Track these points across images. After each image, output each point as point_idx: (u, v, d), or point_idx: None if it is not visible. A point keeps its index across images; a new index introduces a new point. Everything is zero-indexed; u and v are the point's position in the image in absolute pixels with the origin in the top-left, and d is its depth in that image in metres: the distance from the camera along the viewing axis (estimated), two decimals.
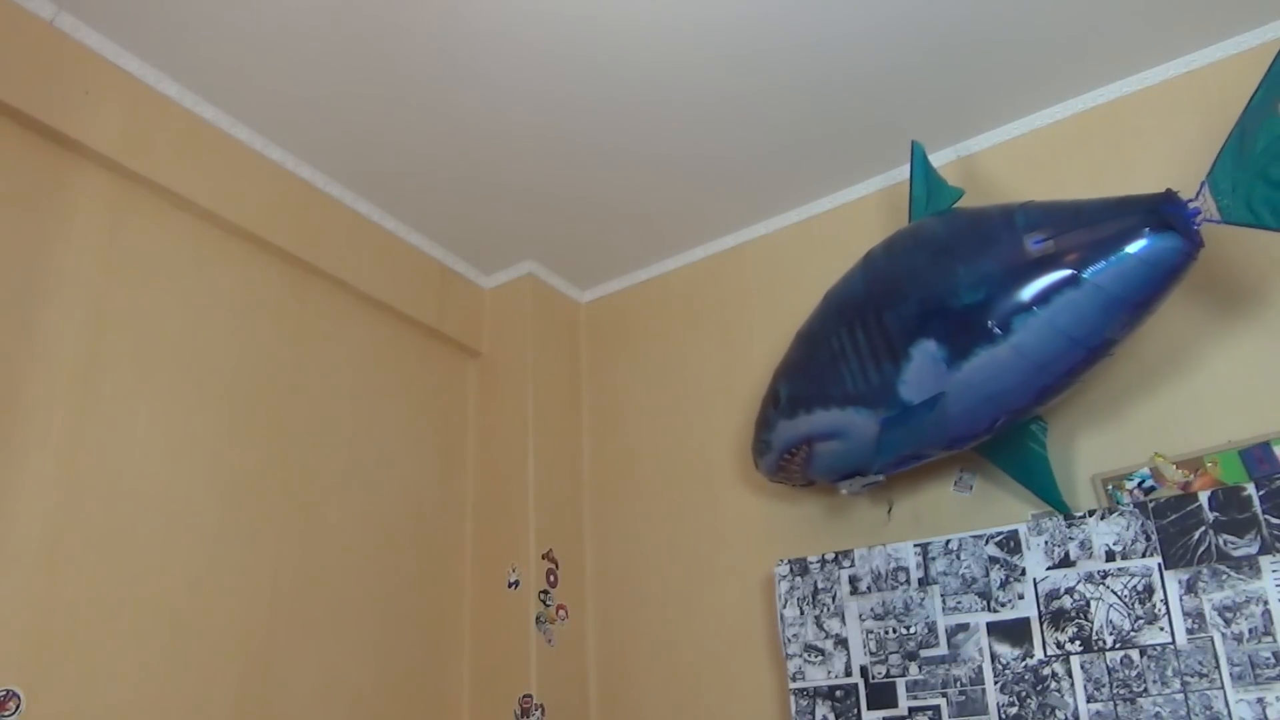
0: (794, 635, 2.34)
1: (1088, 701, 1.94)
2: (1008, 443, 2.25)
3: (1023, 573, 2.09)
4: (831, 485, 2.45)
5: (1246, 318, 2.17)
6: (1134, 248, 1.88)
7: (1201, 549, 1.92)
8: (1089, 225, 1.93)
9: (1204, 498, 1.95)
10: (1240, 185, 1.85)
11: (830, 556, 2.36)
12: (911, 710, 2.13)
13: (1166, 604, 1.92)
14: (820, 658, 2.29)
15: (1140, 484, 2.15)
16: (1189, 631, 1.88)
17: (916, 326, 2.08)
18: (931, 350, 2.06)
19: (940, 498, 2.45)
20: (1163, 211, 1.88)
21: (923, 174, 2.40)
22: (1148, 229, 1.88)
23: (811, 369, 2.32)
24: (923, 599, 2.19)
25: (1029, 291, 1.95)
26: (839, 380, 2.24)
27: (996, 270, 2.00)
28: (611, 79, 2.37)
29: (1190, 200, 1.90)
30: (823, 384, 2.28)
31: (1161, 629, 1.91)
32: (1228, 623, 1.85)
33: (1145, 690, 1.89)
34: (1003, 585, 2.11)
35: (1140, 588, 1.96)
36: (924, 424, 2.11)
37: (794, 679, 2.31)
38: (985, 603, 2.12)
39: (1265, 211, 1.81)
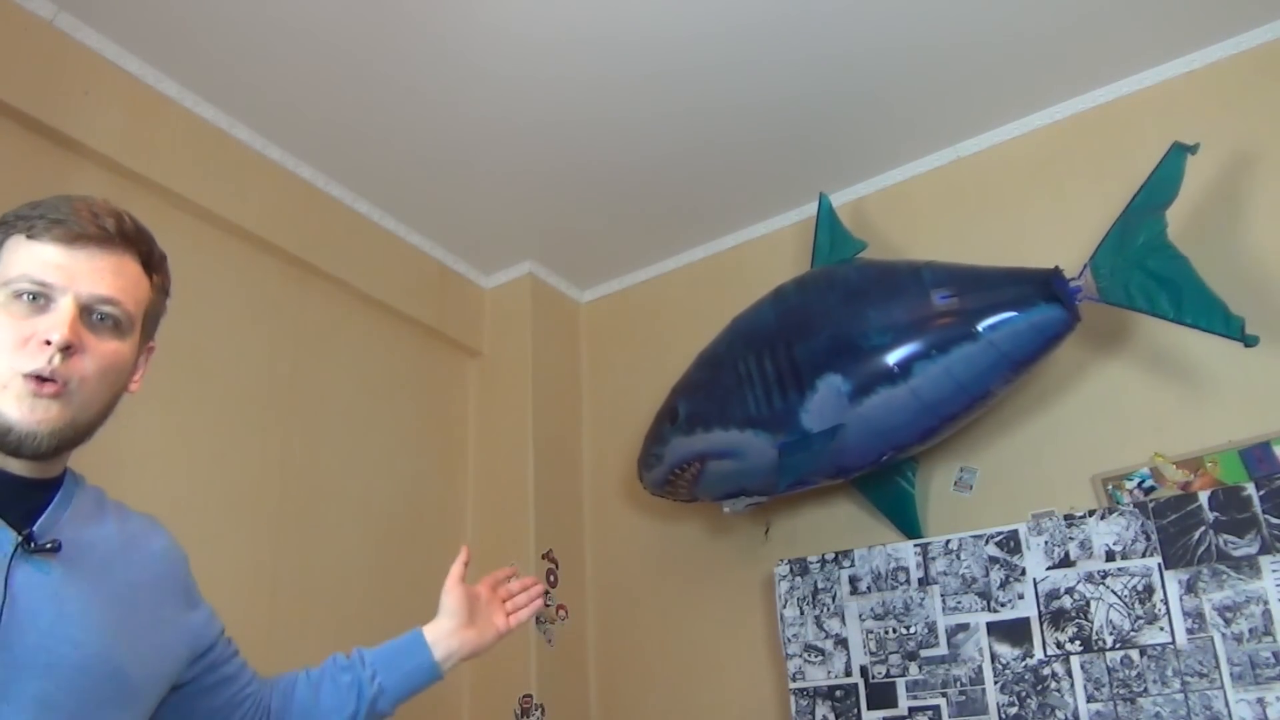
0: (794, 635, 2.35)
1: (1088, 701, 1.94)
2: (882, 478, 2.45)
3: (1023, 573, 2.09)
4: (714, 503, 2.57)
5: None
6: (1026, 313, 2.10)
7: (1201, 549, 1.92)
8: (989, 289, 2.15)
9: (1204, 498, 1.95)
10: (1119, 271, 2.08)
11: (830, 556, 2.36)
12: (911, 710, 2.13)
13: (1166, 604, 1.92)
14: (820, 658, 2.29)
15: (1140, 484, 2.15)
16: (1189, 631, 1.88)
17: (825, 361, 2.23)
18: (837, 384, 2.21)
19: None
20: (1052, 285, 2.09)
21: (828, 224, 2.56)
22: (1039, 299, 2.09)
23: (714, 390, 2.43)
24: (923, 599, 2.19)
25: (931, 340, 2.14)
26: (742, 403, 2.35)
27: (905, 318, 2.18)
28: (610, 83, 2.37)
29: (1073, 279, 2.11)
30: (724, 405, 2.39)
31: (1161, 629, 1.91)
32: (1228, 623, 1.85)
33: (1145, 690, 1.89)
34: (1003, 585, 2.11)
35: (1140, 588, 1.96)
36: (822, 452, 2.24)
37: (794, 679, 2.31)
38: (985, 603, 2.12)
39: (1139, 296, 2.04)
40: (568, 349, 3.22)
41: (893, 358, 2.16)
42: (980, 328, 2.11)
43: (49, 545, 0.91)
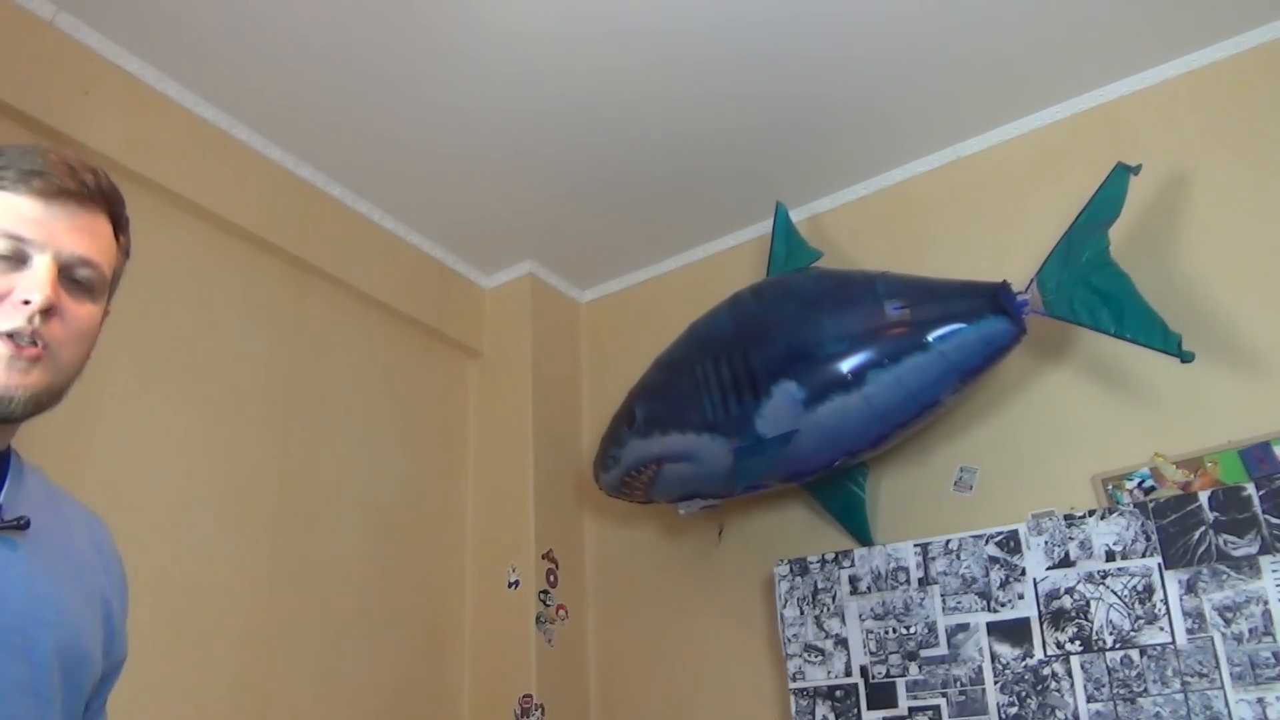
0: (794, 635, 2.35)
1: (1088, 701, 1.94)
2: (834, 483, 2.50)
3: (1023, 573, 2.09)
4: (669, 505, 2.61)
5: (1247, 317, 2.17)
6: (975, 325, 2.16)
7: (1201, 549, 1.92)
8: (940, 301, 2.22)
9: (1204, 498, 1.95)
10: (1064, 286, 2.15)
11: (830, 556, 2.36)
12: (911, 710, 2.13)
13: (1166, 604, 1.92)
14: (820, 658, 2.29)
15: (1140, 484, 2.15)
16: (1189, 631, 1.88)
17: (781, 368, 2.28)
18: (792, 391, 2.25)
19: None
20: (1000, 298, 2.16)
21: (784, 233, 2.61)
22: (988, 311, 2.16)
23: (671, 394, 2.47)
24: (923, 599, 2.19)
25: (884, 350, 2.20)
26: (699, 407, 2.39)
27: (859, 328, 2.24)
28: (610, 82, 2.37)
29: (1020, 292, 2.18)
30: (682, 409, 2.43)
31: (1161, 629, 1.91)
32: (1228, 623, 1.85)
33: (1145, 690, 1.89)
34: (1003, 585, 2.11)
35: (1140, 588, 1.96)
36: (777, 457, 2.29)
37: (794, 679, 2.31)
38: (985, 603, 2.12)
39: (1083, 311, 2.11)
40: (568, 349, 3.22)
41: (846, 366, 2.21)
42: (931, 338, 2.17)
43: (17, 522, 0.86)
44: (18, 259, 0.87)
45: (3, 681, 0.81)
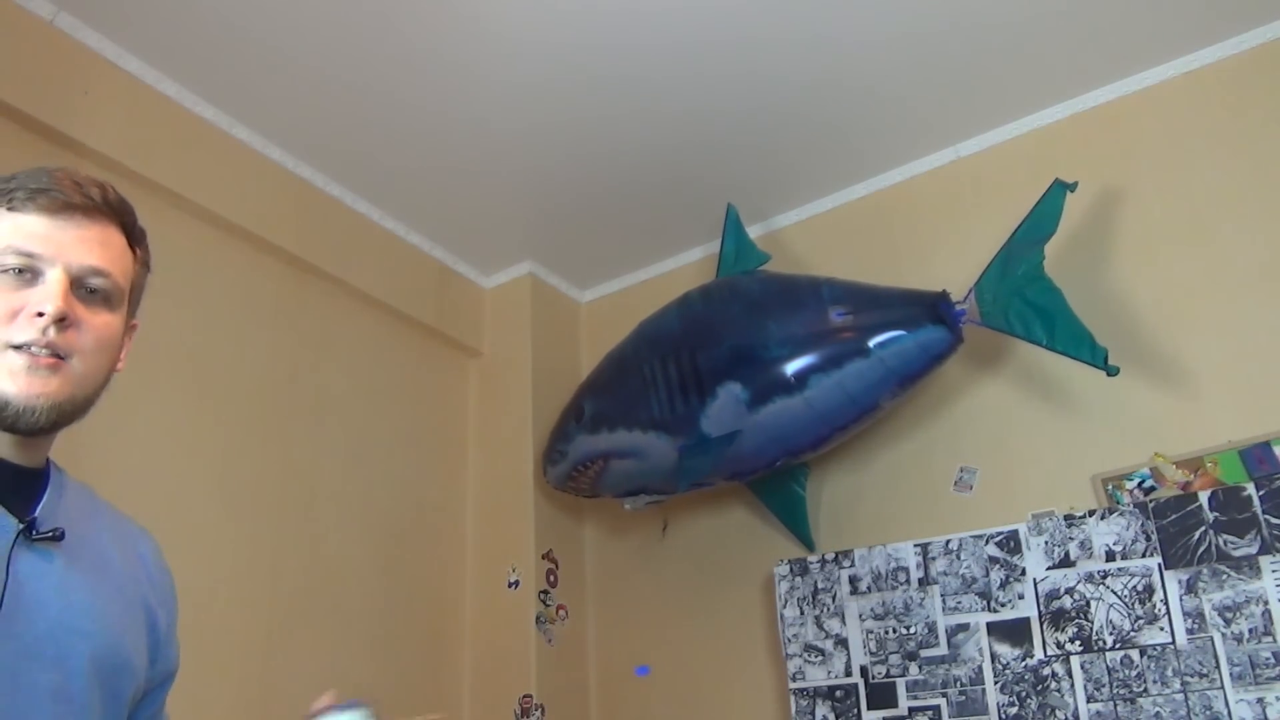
0: (794, 635, 2.35)
1: (1088, 701, 1.94)
2: (776, 482, 2.56)
3: (1023, 573, 2.09)
4: (616, 500, 2.67)
5: (1248, 317, 2.17)
6: (914, 333, 2.22)
7: (1201, 549, 1.92)
8: (881, 308, 2.27)
9: (1204, 498, 1.95)
10: (1000, 298, 2.20)
11: (830, 556, 2.36)
12: (911, 710, 2.13)
13: (1166, 604, 1.92)
14: (820, 658, 2.29)
15: (1140, 484, 2.15)
16: (1189, 631, 1.89)
17: (726, 369, 2.33)
18: (736, 392, 2.30)
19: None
20: (939, 307, 2.22)
21: (734, 235, 2.67)
22: (927, 320, 2.22)
23: (620, 391, 2.51)
24: (923, 599, 2.19)
25: (827, 354, 2.25)
26: (646, 405, 2.44)
27: (802, 332, 2.29)
28: (609, 83, 2.37)
29: (959, 302, 2.24)
30: (629, 407, 2.47)
31: (1161, 629, 1.91)
32: (1228, 623, 1.85)
33: (1145, 690, 1.89)
34: (1003, 585, 2.11)
35: (1140, 588, 1.96)
36: (720, 455, 2.33)
37: (794, 679, 2.31)
38: (985, 603, 2.12)
39: (1017, 323, 2.17)
40: (568, 349, 3.22)
41: (790, 369, 2.26)
42: (871, 344, 2.22)
43: (52, 533, 0.87)
44: (30, 275, 0.88)
45: (35, 689, 0.82)
